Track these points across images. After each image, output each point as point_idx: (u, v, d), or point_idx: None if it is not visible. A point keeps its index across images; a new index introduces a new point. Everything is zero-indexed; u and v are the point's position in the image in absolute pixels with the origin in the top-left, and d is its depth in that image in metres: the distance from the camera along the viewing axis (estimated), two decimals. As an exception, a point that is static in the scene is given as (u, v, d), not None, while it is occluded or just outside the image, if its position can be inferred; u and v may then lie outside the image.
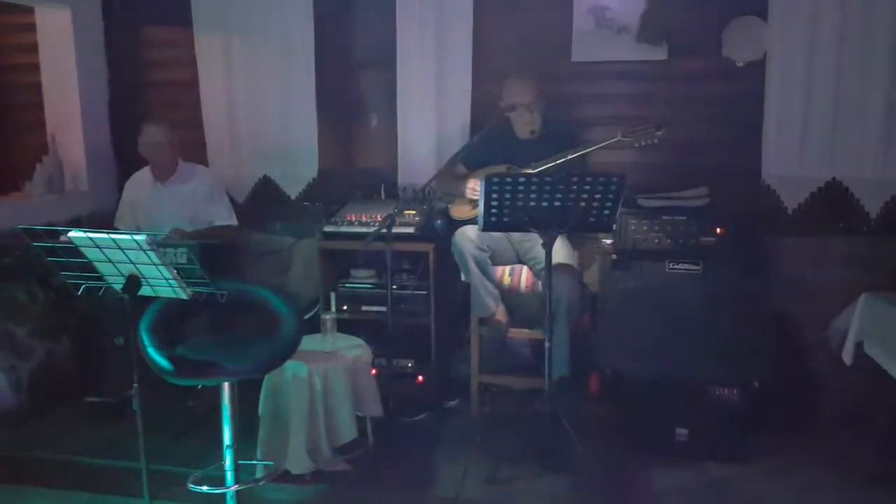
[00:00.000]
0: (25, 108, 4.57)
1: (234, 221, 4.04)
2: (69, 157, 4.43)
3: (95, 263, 2.35)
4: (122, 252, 2.27)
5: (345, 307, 3.83)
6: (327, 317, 3.31)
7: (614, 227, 3.17)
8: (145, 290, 2.42)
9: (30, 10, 4.38)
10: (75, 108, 4.42)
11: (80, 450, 3.42)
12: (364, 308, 3.88)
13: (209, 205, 3.98)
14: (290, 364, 2.94)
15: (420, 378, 3.77)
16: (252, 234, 4.38)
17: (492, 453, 3.34)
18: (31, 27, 4.41)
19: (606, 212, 2.92)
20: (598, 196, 2.87)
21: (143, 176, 4.04)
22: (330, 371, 3.08)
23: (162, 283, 2.37)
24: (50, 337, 3.97)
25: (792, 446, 3.42)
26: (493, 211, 2.93)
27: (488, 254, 3.56)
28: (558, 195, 2.85)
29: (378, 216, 3.86)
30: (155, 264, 2.29)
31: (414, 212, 3.89)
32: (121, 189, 4.29)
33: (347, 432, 3.11)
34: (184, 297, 2.41)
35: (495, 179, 2.79)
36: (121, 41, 4.58)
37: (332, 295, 3.62)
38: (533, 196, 2.86)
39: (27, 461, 3.35)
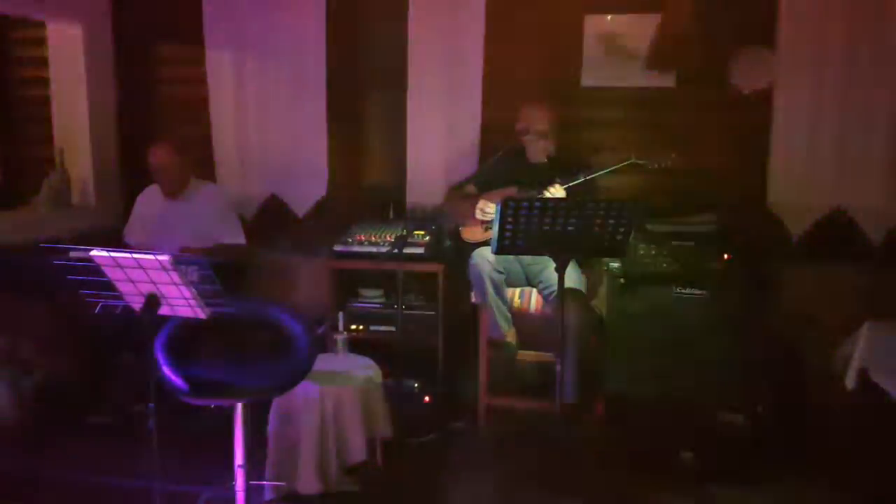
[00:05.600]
0: (34, 122, 4.57)
1: (242, 240, 4.03)
2: (76, 172, 4.44)
3: (115, 283, 2.34)
4: (143, 271, 2.27)
5: (353, 326, 3.84)
6: (339, 337, 3.31)
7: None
8: (163, 310, 2.41)
9: (41, 25, 4.40)
10: (84, 122, 4.43)
11: (84, 468, 3.38)
12: (373, 328, 3.88)
13: (218, 223, 3.97)
14: (301, 384, 2.93)
15: (427, 398, 3.77)
16: (259, 252, 4.38)
17: (499, 475, 3.33)
18: (42, 41, 4.42)
19: (620, 236, 2.94)
20: (611, 221, 2.88)
21: (155, 191, 4.04)
22: (342, 392, 3.07)
23: (181, 302, 2.36)
24: (54, 353, 3.94)
25: (795, 471, 3.41)
26: (508, 234, 2.93)
27: (504, 276, 3.58)
28: (572, 219, 2.86)
29: (388, 236, 3.88)
30: (175, 284, 2.29)
31: (423, 232, 3.91)
32: (127, 204, 4.29)
33: (358, 453, 3.09)
34: (202, 316, 2.40)
35: (511, 203, 2.81)
36: (131, 57, 4.61)
37: (340, 314, 3.62)
38: (547, 220, 2.87)
39: (31, 479, 3.31)
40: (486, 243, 3.58)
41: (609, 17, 4.09)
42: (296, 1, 4.29)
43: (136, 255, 2.24)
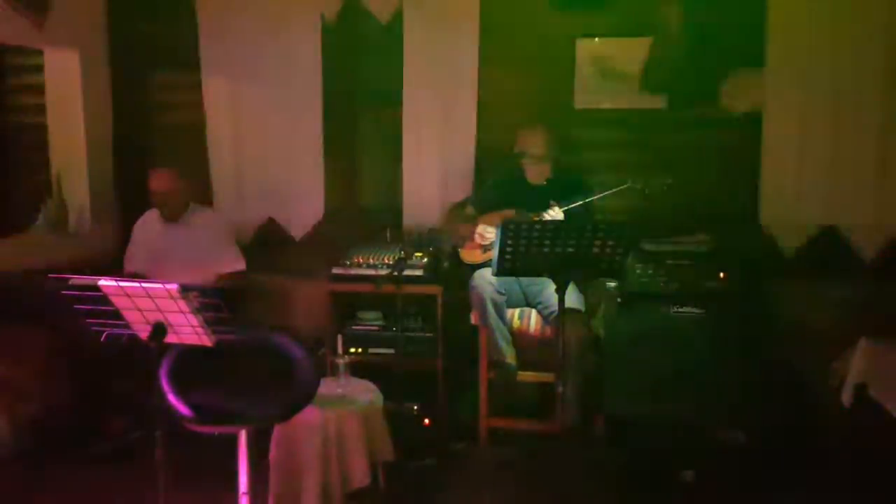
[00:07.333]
0: (30, 149, 4.57)
1: (242, 266, 4.03)
2: (73, 199, 4.43)
3: (121, 311, 2.35)
4: (150, 300, 2.28)
5: (352, 349, 3.84)
6: (340, 361, 3.31)
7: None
8: (170, 337, 2.41)
9: (38, 52, 4.41)
10: (80, 149, 4.42)
11: (84, 499, 3.35)
12: (371, 350, 3.90)
13: (218, 248, 3.97)
14: (302, 409, 2.93)
15: (427, 421, 3.77)
16: (257, 275, 4.38)
17: (500, 497, 3.34)
18: (39, 68, 4.43)
19: (618, 257, 2.97)
20: (610, 242, 2.92)
21: (153, 216, 4.04)
22: (344, 416, 3.07)
23: (187, 329, 2.37)
24: (52, 381, 3.92)
25: (795, 487, 3.44)
26: (508, 256, 2.96)
27: (505, 297, 3.61)
28: (571, 241, 2.90)
29: (385, 258, 3.90)
30: (182, 312, 2.30)
31: (421, 254, 3.94)
32: (124, 231, 4.29)
33: (361, 478, 3.08)
34: (209, 343, 2.41)
35: (511, 225, 2.84)
36: (128, 84, 4.63)
37: (339, 337, 3.62)
38: (547, 242, 2.90)
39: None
40: (485, 264, 3.61)
41: (597, 39, 4.15)
42: (291, 25, 4.34)
43: (143, 284, 2.25)
